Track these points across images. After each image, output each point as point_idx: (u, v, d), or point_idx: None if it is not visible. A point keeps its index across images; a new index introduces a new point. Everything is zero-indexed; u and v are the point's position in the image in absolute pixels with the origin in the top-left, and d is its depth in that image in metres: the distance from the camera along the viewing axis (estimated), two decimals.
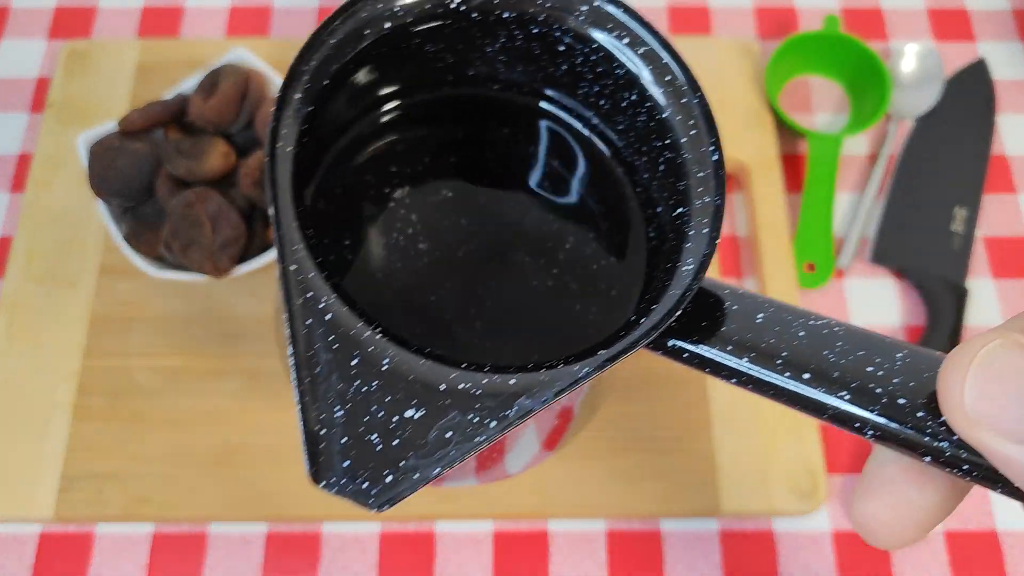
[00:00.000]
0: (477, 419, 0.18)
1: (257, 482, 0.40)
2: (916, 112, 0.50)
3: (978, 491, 0.42)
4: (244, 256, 0.42)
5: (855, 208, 0.48)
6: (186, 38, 0.53)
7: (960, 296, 0.45)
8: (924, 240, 0.47)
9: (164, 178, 0.42)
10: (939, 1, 0.55)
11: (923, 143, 0.49)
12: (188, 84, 0.45)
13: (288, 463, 0.41)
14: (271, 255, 0.42)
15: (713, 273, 0.45)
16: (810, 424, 0.42)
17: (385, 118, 0.25)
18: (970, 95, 0.51)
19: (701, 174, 0.21)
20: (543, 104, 0.25)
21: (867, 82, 0.50)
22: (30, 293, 0.44)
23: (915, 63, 0.51)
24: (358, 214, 0.25)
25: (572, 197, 0.26)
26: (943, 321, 0.44)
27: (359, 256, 0.24)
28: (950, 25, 0.54)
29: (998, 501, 0.41)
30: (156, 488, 0.40)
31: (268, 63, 0.50)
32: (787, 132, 0.50)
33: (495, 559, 0.40)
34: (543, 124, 0.26)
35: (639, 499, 0.40)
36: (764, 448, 0.41)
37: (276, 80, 0.45)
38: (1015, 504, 0.41)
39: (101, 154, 0.42)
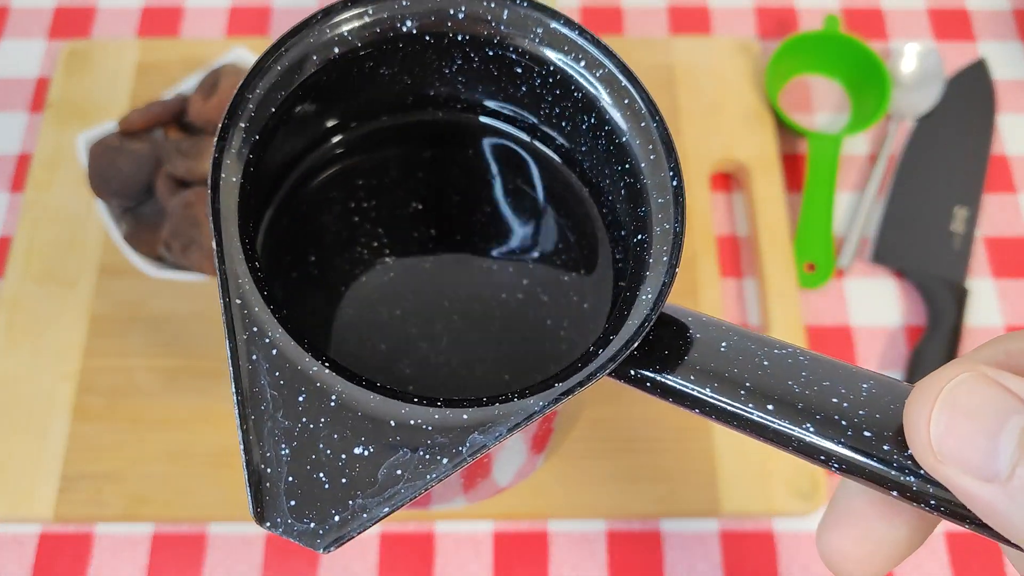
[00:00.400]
0: (428, 456, 0.17)
1: None
2: (916, 112, 0.50)
3: None
4: None
5: (855, 208, 0.48)
6: (186, 38, 0.53)
7: (960, 296, 0.45)
8: (924, 240, 0.47)
9: (164, 178, 0.42)
10: (939, 1, 0.55)
11: (923, 143, 0.49)
12: (188, 84, 0.45)
13: None
14: None
15: (713, 273, 0.45)
16: None
17: (347, 140, 0.25)
18: (970, 95, 0.51)
19: (661, 200, 0.20)
20: (506, 126, 0.25)
21: (867, 82, 0.50)
22: (30, 293, 0.44)
23: (915, 63, 0.51)
24: (314, 242, 0.24)
25: (539, 216, 0.25)
26: (943, 321, 0.44)
27: (316, 283, 0.24)
28: (950, 25, 0.54)
29: None
30: (156, 488, 0.40)
31: None
32: (787, 132, 0.50)
33: (495, 559, 0.40)
34: (507, 145, 0.25)
35: (639, 499, 0.40)
36: (764, 448, 0.41)
37: None
38: None
39: (101, 154, 0.42)
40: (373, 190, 0.25)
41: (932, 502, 0.17)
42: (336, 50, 0.21)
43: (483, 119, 0.25)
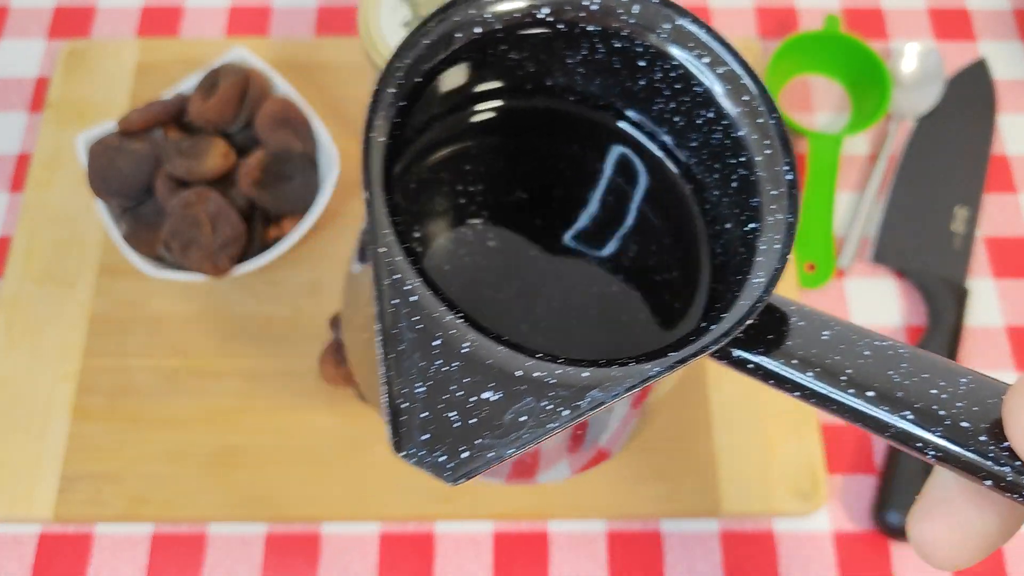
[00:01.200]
0: (551, 406, 0.18)
1: (256, 482, 0.40)
2: (917, 112, 0.50)
3: None
4: (243, 256, 0.42)
5: (855, 208, 0.48)
6: (185, 38, 0.53)
7: (961, 296, 0.45)
8: (925, 240, 0.47)
9: (163, 178, 0.42)
10: (940, 1, 0.55)
11: (924, 143, 0.49)
12: (188, 84, 0.45)
13: (287, 463, 0.41)
14: (270, 255, 0.42)
15: None
16: (810, 425, 0.42)
17: (464, 121, 0.26)
18: (971, 95, 0.51)
19: (775, 192, 0.21)
20: (616, 121, 0.26)
21: (867, 82, 0.50)
22: (29, 293, 0.44)
23: (916, 63, 0.51)
24: (431, 209, 0.26)
25: (637, 213, 0.26)
26: (944, 321, 0.44)
27: (429, 249, 0.25)
28: (951, 25, 0.54)
29: None
30: (155, 488, 0.40)
31: (268, 63, 0.50)
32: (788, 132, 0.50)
33: (495, 560, 0.40)
34: (613, 141, 0.26)
35: (639, 499, 0.40)
36: (764, 449, 0.41)
37: (276, 80, 0.45)
38: None
39: (100, 154, 0.42)
40: (484, 168, 0.26)
41: None
42: (478, 30, 0.22)
43: (596, 112, 0.26)
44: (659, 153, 0.26)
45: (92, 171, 0.42)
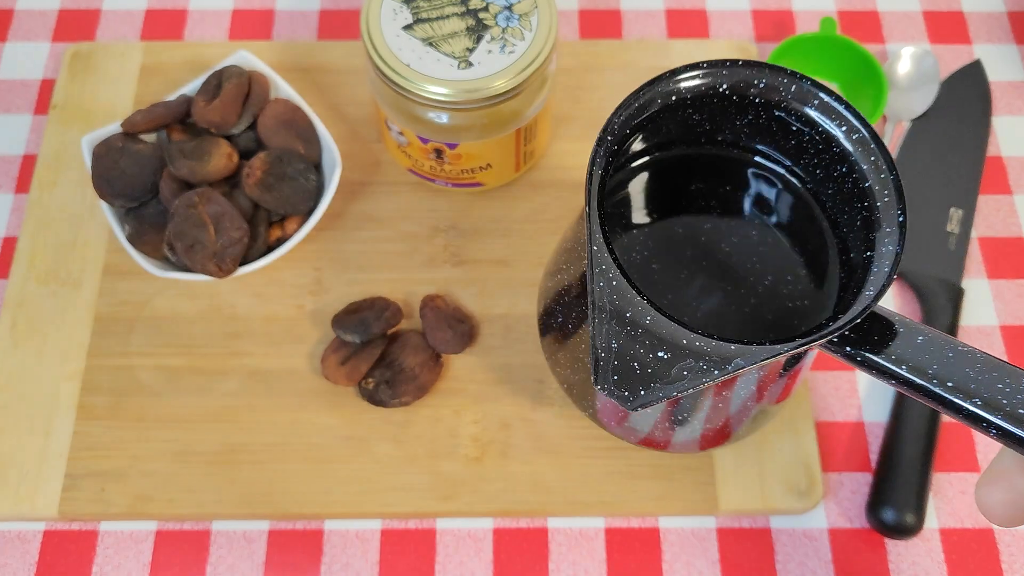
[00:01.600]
0: (706, 366, 0.25)
1: (260, 480, 0.41)
2: (912, 114, 0.51)
3: (972, 491, 0.42)
4: (246, 256, 0.43)
5: None
6: (189, 40, 0.53)
7: (956, 296, 0.45)
8: (920, 241, 0.47)
9: (167, 179, 0.43)
10: (935, 4, 0.56)
11: (919, 144, 0.50)
12: (191, 86, 0.46)
13: (290, 461, 0.41)
14: (273, 256, 0.42)
15: None
16: (807, 423, 0.42)
17: (652, 162, 0.34)
18: (966, 96, 0.51)
19: (888, 229, 0.28)
20: (775, 167, 0.34)
21: (863, 84, 0.51)
22: (34, 293, 0.45)
23: (911, 65, 0.52)
24: (626, 221, 0.34)
25: (782, 236, 0.34)
26: (939, 321, 0.45)
27: (624, 247, 0.34)
28: (946, 28, 0.55)
29: None
30: (159, 486, 0.41)
31: (271, 66, 0.51)
32: None
33: (495, 556, 0.40)
34: (772, 185, 0.34)
35: (638, 497, 0.41)
36: (762, 447, 0.42)
37: (278, 82, 0.46)
38: None
39: (105, 155, 0.43)
40: (663, 192, 0.34)
41: None
42: (673, 98, 0.30)
43: (756, 159, 0.34)
44: (806, 194, 0.33)
45: (96, 172, 0.43)
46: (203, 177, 0.42)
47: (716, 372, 0.25)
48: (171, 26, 0.54)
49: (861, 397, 0.44)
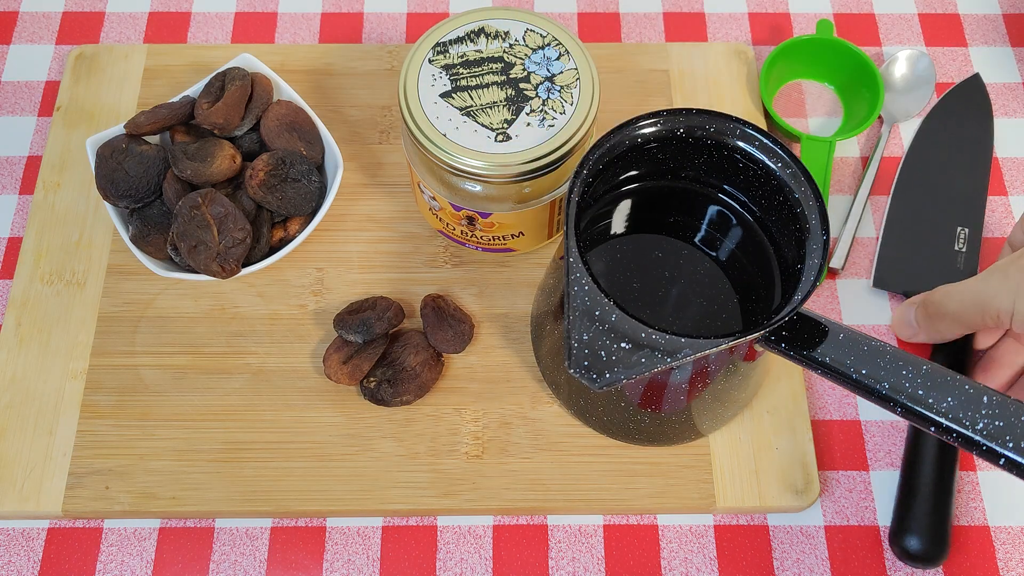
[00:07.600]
0: (659, 356, 0.30)
1: (262, 478, 0.41)
2: (908, 116, 0.51)
3: (969, 487, 0.43)
4: (250, 257, 0.43)
5: (848, 210, 0.49)
6: (193, 43, 0.54)
7: None
8: (927, 263, 0.46)
9: (171, 180, 0.43)
10: (931, 6, 0.56)
11: (920, 164, 0.49)
12: (195, 88, 0.46)
13: (293, 459, 0.42)
14: (276, 257, 0.43)
15: None
16: (803, 422, 0.43)
17: (623, 191, 0.40)
18: (966, 113, 0.51)
19: (815, 246, 0.33)
20: (728, 199, 0.39)
21: (859, 86, 0.51)
22: (39, 293, 0.45)
23: (907, 68, 0.52)
24: (598, 237, 0.40)
25: (731, 253, 0.39)
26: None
27: (596, 258, 0.40)
28: (942, 30, 0.55)
29: (989, 497, 0.42)
30: (163, 484, 0.41)
31: (273, 68, 0.51)
32: (781, 135, 0.51)
33: (495, 553, 0.41)
34: (718, 205, 0.40)
35: (636, 495, 0.41)
36: (759, 445, 0.42)
37: (281, 85, 0.46)
38: (1007, 500, 0.42)
39: (109, 156, 0.43)
40: (631, 217, 0.40)
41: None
42: (638, 139, 0.36)
43: (711, 191, 0.39)
44: (752, 220, 0.39)
45: (100, 173, 0.43)
46: (206, 178, 0.43)
47: (668, 359, 0.30)
48: (174, 28, 0.55)
49: (857, 396, 0.44)
